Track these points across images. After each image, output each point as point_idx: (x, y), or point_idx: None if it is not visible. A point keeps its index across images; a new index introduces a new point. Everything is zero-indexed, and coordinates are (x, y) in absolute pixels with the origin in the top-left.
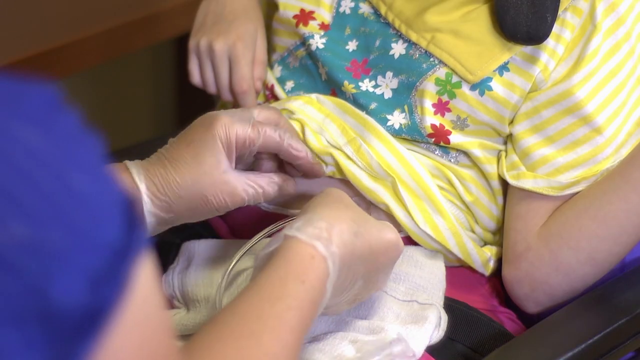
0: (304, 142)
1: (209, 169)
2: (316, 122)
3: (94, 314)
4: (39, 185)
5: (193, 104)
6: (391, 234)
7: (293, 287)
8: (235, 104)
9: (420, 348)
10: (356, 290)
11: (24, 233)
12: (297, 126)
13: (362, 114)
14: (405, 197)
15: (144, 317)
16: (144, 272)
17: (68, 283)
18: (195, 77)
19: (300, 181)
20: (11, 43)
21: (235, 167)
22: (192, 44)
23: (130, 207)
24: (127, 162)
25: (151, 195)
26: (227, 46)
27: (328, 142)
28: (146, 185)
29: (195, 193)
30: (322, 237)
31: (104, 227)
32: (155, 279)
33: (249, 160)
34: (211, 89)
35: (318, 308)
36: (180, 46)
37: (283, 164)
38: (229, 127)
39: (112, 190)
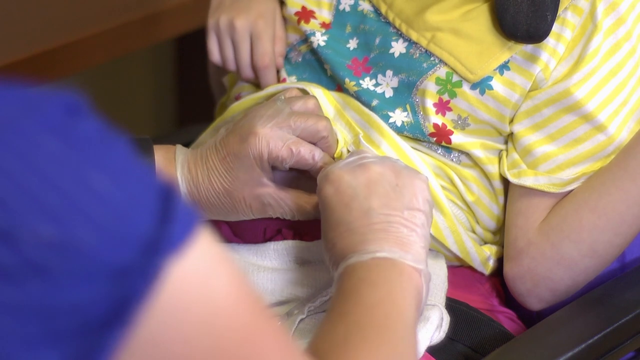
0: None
1: (241, 185)
2: (329, 119)
3: (120, 307)
4: (61, 188)
5: (193, 104)
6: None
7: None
8: (256, 81)
9: (421, 348)
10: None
11: (50, 233)
12: None
13: (366, 110)
14: None
15: (189, 306)
16: (191, 261)
17: (92, 277)
18: (214, 55)
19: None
20: (11, 43)
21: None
22: (211, 22)
23: (166, 201)
24: (177, 153)
25: (187, 194)
26: (249, 23)
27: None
28: (187, 187)
29: (226, 202)
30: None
31: (127, 223)
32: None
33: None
34: (231, 66)
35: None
36: (180, 46)
37: None
38: (263, 144)
39: (136, 187)
